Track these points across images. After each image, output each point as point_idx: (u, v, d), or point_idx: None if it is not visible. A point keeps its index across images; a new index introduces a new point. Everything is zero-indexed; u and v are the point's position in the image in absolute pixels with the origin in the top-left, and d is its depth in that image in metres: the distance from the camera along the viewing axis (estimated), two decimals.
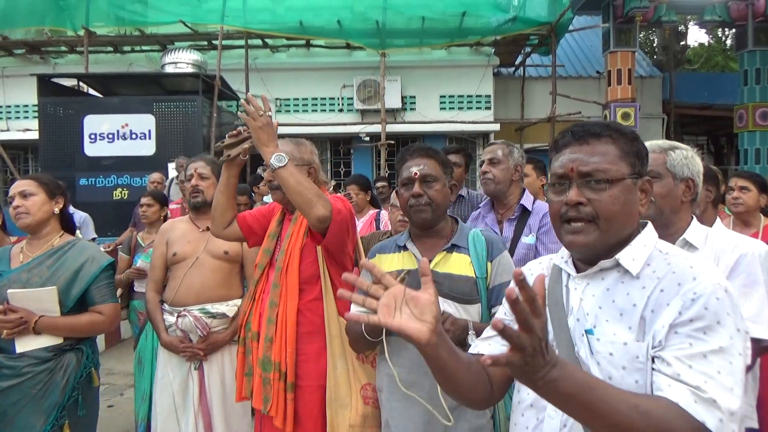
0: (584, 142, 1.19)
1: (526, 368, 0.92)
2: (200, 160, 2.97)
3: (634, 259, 1.16)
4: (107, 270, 2.45)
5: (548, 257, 1.37)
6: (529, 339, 0.89)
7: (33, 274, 2.33)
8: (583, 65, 11.90)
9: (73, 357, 2.35)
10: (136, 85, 9.16)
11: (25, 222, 2.35)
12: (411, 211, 1.89)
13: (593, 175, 1.16)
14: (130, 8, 9.27)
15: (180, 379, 2.75)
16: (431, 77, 10.03)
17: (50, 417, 2.25)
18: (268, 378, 2.20)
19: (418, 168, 1.88)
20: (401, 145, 10.30)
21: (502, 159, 2.74)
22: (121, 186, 8.04)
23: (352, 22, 9.17)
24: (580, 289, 1.20)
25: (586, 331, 1.14)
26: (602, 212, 1.15)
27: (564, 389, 0.94)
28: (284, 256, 2.28)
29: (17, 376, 2.23)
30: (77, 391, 2.34)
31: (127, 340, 6.47)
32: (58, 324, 2.31)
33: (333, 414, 2.16)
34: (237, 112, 2.27)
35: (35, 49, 10.24)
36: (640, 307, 1.10)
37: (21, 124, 10.32)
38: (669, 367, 1.01)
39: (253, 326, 2.32)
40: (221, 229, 2.44)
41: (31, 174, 2.50)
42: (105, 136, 8.11)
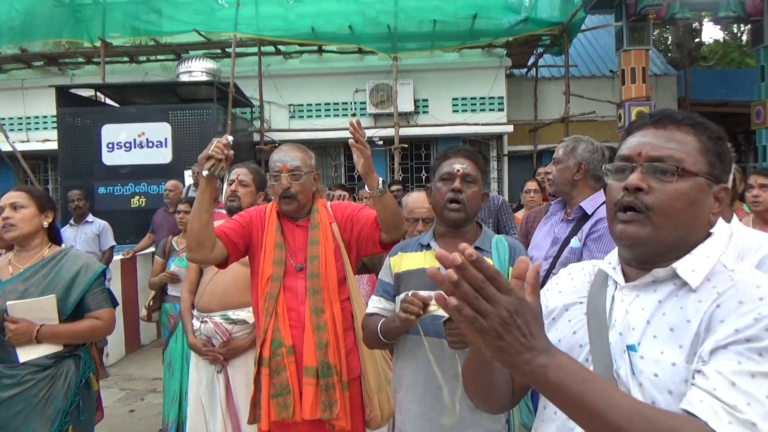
0: (661, 126, 1.06)
1: (503, 345, 0.82)
2: (244, 167, 2.99)
3: (694, 271, 1.01)
4: (101, 277, 2.47)
5: (591, 262, 1.23)
6: (486, 321, 0.80)
7: (29, 284, 2.33)
8: (597, 64, 11.83)
9: (72, 363, 2.37)
10: (152, 94, 9.28)
11: (13, 234, 2.35)
12: (445, 207, 1.88)
13: (663, 161, 1.02)
14: (145, 19, 9.41)
15: (206, 380, 2.81)
16: (443, 80, 10.04)
17: (55, 423, 2.27)
18: (331, 383, 2.20)
19: (462, 166, 1.89)
20: (414, 149, 10.33)
21: (561, 158, 2.58)
22: (139, 194, 8.15)
23: (363, 27, 9.22)
24: (627, 301, 1.06)
25: (628, 347, 1.01)
26: (661, 205, 1.01)
27: (554, 378, 0.83)
28: (320, 262, 2.28)
29: (19, 384, 2.24)
30: (78, 396, 2.37)
31: (147, 346, 6.56)
32: (59, 332, 2.32)
33: (378, 398, 2.29)
34: (348, 141, 2.20)
35: (53, 61, 10.43)
36: (694, 323, 0.96)
37: (40, 135, 10.51)
38: (706, 381, 0.88)
39: (285, 341, 2.23)
40: (209, 252, 2.19)
41: (23, 186, 2.52)
42: (122, 144, 8.23)
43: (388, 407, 2.34)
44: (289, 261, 2.31)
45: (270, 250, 2.31)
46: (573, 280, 1.21)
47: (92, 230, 5.73)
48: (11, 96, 10.44)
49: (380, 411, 2.32)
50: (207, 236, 2.17)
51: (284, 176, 2.28)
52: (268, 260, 2.30)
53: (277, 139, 9.71)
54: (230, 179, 2.96)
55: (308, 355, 2.22)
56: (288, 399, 2.21)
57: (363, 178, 2.17)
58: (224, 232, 2.29)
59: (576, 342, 1.10)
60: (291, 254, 2.33)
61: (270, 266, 2.29)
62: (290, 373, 2.23)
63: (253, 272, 2.39)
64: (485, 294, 0.80)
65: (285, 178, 2.28)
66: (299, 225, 2.37)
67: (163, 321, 4.05)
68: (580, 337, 1.10)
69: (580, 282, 1.19)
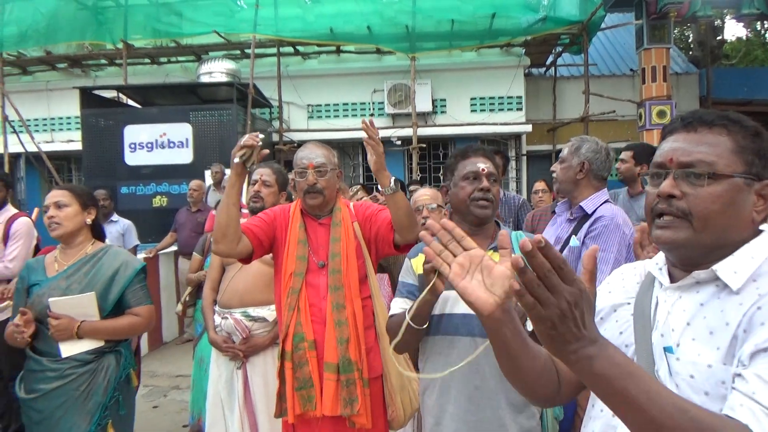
0: (692, 130, 1.05)
1: (554, 334, 0.83)
2: (267, 167, 3.01)
3: (736, 272, 0.99)
4: (140, 274, 2.52)
5: (643, 262, 1.23)
6: (545, 310, 0.81)
7: (72, 281, 2.40)
8: (616, 63, 11.72)
9: (112, 359, 2.44)
10: (173, 95, 9.41)
11: (58, 232, 2.43)
12: (474, 205, 1.86)
13: (694, 167, 1.01)
14: (165, 20, 9.53)
15: (225, 376, 2.86)
16: (462, 80, 10.03)
17: (94, 417, 2.33)
18: (351, 378, 2.23)
19: (486, 165, 1.89)
20: (432, 149, 10.33)
21: (566, 157, 2.60)
22: (161, 193, 8.26)
23: (381, 27, 9.24)
24: (670, 302, 1.06)
25: (664, 348, 1.02)
26: (697, 209, 1.00)
27: (599, 369, 0.83)
28: (341, 259, 2.31)
29: (61, 378, 2.32)
30: (118, 391, 2.43)
31: (169, 343, 6.65)
32: (100, 328, 2.39)
33: (400, 397, 2.30)
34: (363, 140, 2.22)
35: (77, 63, 10.63)
36: (733, 325, 0.94)
37: (65, 136, 10.71)
38: (745, 384, 0.87)
39: (307, 335, 2.28)
40: (235, 246, 2.23)
41: (66, 184, 2.59)
42: (144, 145, 8.36)
43: (410, 407, 2.35)
44: (312, 258, 2.36)
45: (293, 247, 2.36)
46: (624, 280, 1.22)
47: (117, 229, 5.83)
48: (36, 97, 10.66)
49: (403, 411, 2.33)
50: (233, 230, 2.21)
51: (310, 173, 2.34)
52: (292, 256, 2.35)
53: (296, 139, 9.79)
54: (253, 179, 2.99)
55: (329, 350, 2.25)
56: (311, 392, 2.27)
57: (375, 175, 2.18)
58: (249, 228, 2.35)
59: (622, 342, 1.11)
60: (313, 251, 2.38)
61: (293, 262, 2.35)
62: (312, 368, 2.27)
63: (277, 269, 2.44)
64: (549, 283, 0.81)
65: (311, 175, 2.33)
66: (322, 223, 2.41)
67: (197, 317, 4.10)
68: (626, 338, 1.10)
69: (631, 282, 1.19)
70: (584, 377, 0.87)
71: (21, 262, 3.90)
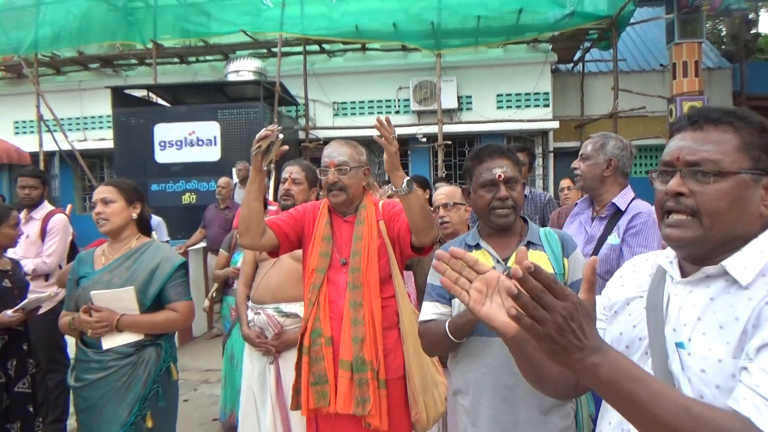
0: (698, 128, 1.06)
1: (556, 348, 0.87)
2: (296, 164, 3.02)
3: (745, 267, 1.00)
4: (180, 269, 2.57)
5: (655, 254, 1.24)
6: (542, 328, 0.85)
7: (114, 275, 2.47)
8: (646, 58, 11.51)
9: (152, 352, 2.49)
10: (202, 93, 9.55)
11: (106, 228, 2.50)
12: (493, 214, 1.83)
13: (700, 165, 1.03)
14: (194, 20, 9.66)
15: (258, 371, 2.90)
16: (488, 76, 9.96)
17: (134, 408, 2.40)
18: (364, 378, 2.21)
19: (502, 170, 1.82)
20: (458, 146, 10.29)
21: (591, 154, 2.58)
22: (190, 191, 8.40)
23: (407, 24, 9.23)
24: (681, 296, 1.07)
25: (676, 344, 1.03)
26: (705, 207, 1.02)
27: (605, 376, 0.87)
28: (362, 257, 2.30)
29: (104, 369, 2.39)
30: (158, 383, 2.48)
31: (199, 338, 6.77)
32: (138, 322, 2.44)
33: (423, 400, 2.26)
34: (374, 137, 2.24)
35: (108, 63, 10.86)
36: (742, 320, 0.96)
37: (97, 134, 10.95)
38: (750, 378, 0.90)
39: (324, 331, 2.30)
40: (258, 238, 2.29)
41: (112, 180, 2.65)
42: (174, 143, 8.50)
43: (434, 410, 2.30)
44: (335, 254, 2.37)
45: (318, 243, 2.38)
46: (635, 273, 1.22)
47: None
48: (69, 97, 10.90)
49: (426, 413, 2.28)
50: (254, 223, 2.26)
51: (331, 171, 2.35)
52: (315, 252, 2.38)
53: (321, 136, 9.85)
54: (283, 178, 2.99)
55: (344, 348, 2.25)
56: (325, 388, 2.26)
57: (388, 174, 2.16)
58: (276, 223, 2.39)
59: (636, 335, 1.12)
60: (337, 248, 2.38)
61: (316, 258, 2.37)
62: (327, 364, 2.28)
63: (304, 264, 2.47)
64: (543, 303, 0.85)
65: (332, 173, 2.34)
66: (347, 220, 2.42)
67: (224, 313, 4.16)
68: (640, 331, 1.12)
69: (643, 275, 1.20)
70: (591, 384, 0.91)
71: (58, 258, 4.02)
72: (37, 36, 9.73)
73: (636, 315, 1.15)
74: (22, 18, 9.91)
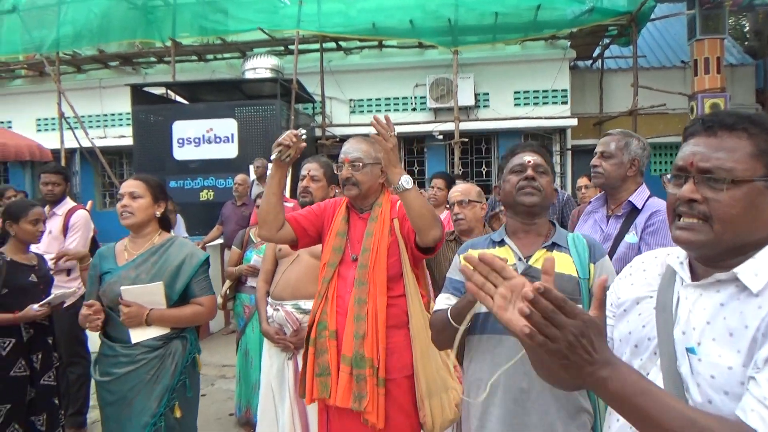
0: (712, 134, 1.06)
1: (567, 364, 0.90)
2: (314, 161, 3.02)
3: (756, 275, 1.00)
4: (204, 265, 2.62)
5: (665, 250, 1.24)
6: (554, 345, 0.89)
7: (141, 271, 2.50)
8: (667, 55, 11.35)
9: (179, 344, 2.54)
10: (219, 91, 9.61)
11: (129, 222, 2.53)
12: (519, 194, 1.82)
13: (713, 173, 1.03)
14: (212, 18, 9.73)
15: (277, 366, 2.93)
16: (505, 73, 9.90)
17: (163, 399, 2.45)
18: (362, 374, 2.22)
19: (532, 158, 1.86)
20: (475, 143, 10.25)
21: (614, 153, 2.55)
22: (207, 187, 8.46)
23: (424, 21, 9.21)
24: (691, 299, 1.08)
25: (687, 349, 1.04)
26: (717, 214, 1.03)
27: (613, 390, 0.91)
28: (370, 254, 2.30)
29: (133, 362, 2.44)
30: (185, 374, 2.54)
31: (216, 333, 6.83)
32: (166, 316, 2.49)
33: (429, 403, 2.22)
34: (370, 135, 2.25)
35: (128, 61, 10.98)
36: (752, 328, 0.97)
37: (117, 131, 11.09)
38: (758, 388, 0.91)
39: (329, 325, 2.33)
40: (275, 232, 2.38)
41: (141, 175, 2.68)
42: (192, 140, 8.56)
43: (441, 416, 2.26)
44: (348, 250, 2.39)
45: (332, 238, 2.42)
46: (645, 272, 1.23)
47: None
48: (90, 95, 11.06)
49: (432, 417, 2.25)
50: (272, 217, 2.35)
51: (345, 167, 2.37)
52: (329, 247, 2.41)
53: (338, 134, 9.87)
54: (301, 175, 3.01)
55: (346, 343, 2.27)
56: (327, 380, 2.29)
57: (385, 171, 2.15)
58: (294, 217, 2.44)
59: (645, 335, 1.14)
60: (351, 244, 2.40)
61: (329, 253, 2.40)
62: (330, 357, 2.30)
63: (321, 259, 2.50)
64: (554, 321, 0.89)
65: (345, 168, 2.37)
66: (362, 217, 2.43)
67: (237, 311, 4.19)
68: (649, 331, 1.13)
69: (653, 274, 1.21)
70: (602, 396, 0.94)
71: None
72: (58, 34, 9.87)
73: (645, 315, 1.16)
74: (44, 17, 10.07)
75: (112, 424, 2.49)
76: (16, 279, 3.11)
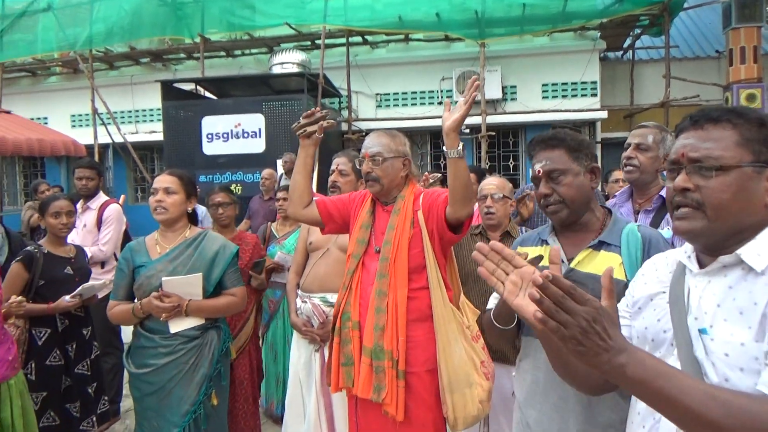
0: (699, 127, 1.15)
1: (582, 350, 0.93)
2: (344, 156, 3.05)
3: (759, 255, 1.06)
4: (235, 257, 2.68)
5: (673, 251, 1.30)
6: (567, 330, 0.92)
7: (176, 264, 2.56)
8: (700, 45, 11.05)
9: (214, 334, 2.61)
10: (247, 86, 9.70)
11: (162, 217, 2.59)
12: (545, 212, 1.75)
13: (703, 161, 1.11)
14: (239, 14, 9.82)
15: (304, 358, 2.97)
16: (533, 65, 9.77)
17: (201, 387, 2.52)
18: (381, 366, 2.24)
19: (541, 165, 1.71)
20: (502, 137, 10.15)
21: (651, 146, 2.49)
22: (236, 182, 8.56)
23: (450, 14, 9.13)
24: (700, 287, 1.14)
25: (699, 330, 1.09)
26: (709, 200, 1.09)
27: (633, 375, 0.93)
28: (391, 247, 2.32)
29: (172, 353, 2.51)
30: (220, 363, 2.61)
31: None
32: (203, 306, 2.55)
33: (451, 398, 2.22)
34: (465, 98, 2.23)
35: (158, 58, 11.17)
36: (761, 305, 1.02)
37: (147, 127, 11.30)
38: None
39: (353, 315, 2.36)
40: (300, 208, 2.50)
41: (176, 171, 2.73)
42: (220, 135, 8.67)
43: (464, 410, 2.23)
44: (372, 242, 2.42)
45: (357, 230, 2.45)
46: (657, 271, 1.28)
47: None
48: (122, 91, 11.29)
49: (454, 412, 2.23)
50: (297, 195, 2.50)
51: (366, 161, 2.39)
52: (354, 239, 2.45)
53: (364, 128, 9.88)
54: (330, 170, 3.03)
55: (367, 334, 2.29)
56: (351, 370, 2.33)
57: (445, 135, 2.08)
58: (323, 201, 2.52)
59: (660, 328, 1.19)
60: (375, 236, 2.42)
61: (353, 244, 2.44)
62: (354, 348, 2.34)
63: (347, 250, 2.54)
64: (565, 307, 0.92)
65: (365, 164, 2.39)
66: (386, 210, 2.45)
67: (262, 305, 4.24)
68: (664, 324, 1.18)
69: (663, 272, 1.26)
70: (621, 383, 0.97)
71: (113, 246, 4.18)
72: (91, 32, 10.08)
73: (660, 309, 1.21)
74: (77, 15, 10.29)
75: (150, 414, 2.55)
76: (53, 271, 3.21)
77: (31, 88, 12.12)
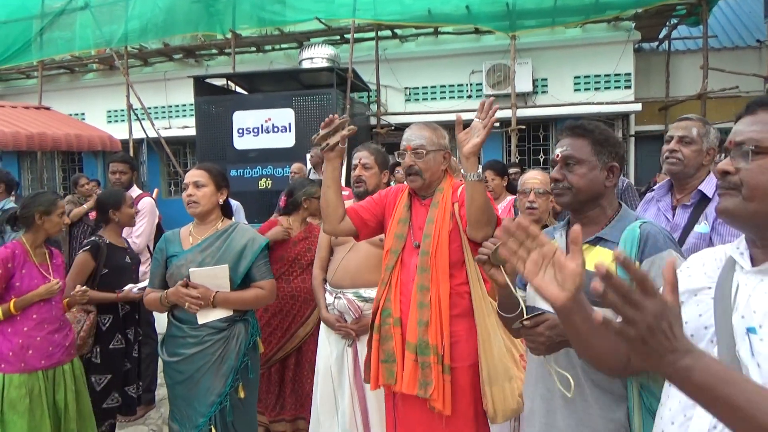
0: (751, 112, 1.14)
1: (647, 350, 0.87)
2: (364, 149, 3.02)
3: None
4: (264, 250, 2.71)
5: (723, 248, 1.25)
6: (633, 329, 0.85)
7: (206, 255, 2.61)
8: (740, 34, 10.69)
9: (242, 327, 2.65)
10: (277, 81, 9.79)
11: (195, 210, 2.64)
12: (553, 195, 1.79)
13: (744, 144, 1.10)
14: (270, 9, 9.90)
15: (336, 353, 2.97)
16: (564, 58, 9.60)
17: (228, 379, 2.56)
18: (427, 362, 2.22)
19: (561, 150, 1.71)
20: (532, 130, 10.02)
21: (696, 139, 2.44)
22: (266, 176, 8.65)
23: (480, 6, 9.02)
24: (751, 285, 1.08)
25: (747, 329, 1.03)
26: (747, 181, 1.08)
27: (698, 380, 0.87)
28: (432, 241, 2.30)
29: (200, 343, 2.56)
30: (247, 356, 2.64)
31: None
32: (231, 298, 2.59)
33: (491, 391, 2.22)
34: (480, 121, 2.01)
35: (191, 53, 11.34)
36: None
37: (180, 122, 11.50)
38: None
39: (393, 312, 2.35)
40: (336, 224, 2.43)
41: (205, 164, 2.79)
42: (251, 130, 8.77)
43: (503, 404, 2.24)
44: (410, 237, 2.39)
45: (395, 225, 2.43)
46: (704, 266, 1.24)
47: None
48: (155, 87, 11.50)
49: (494, 406, 2.24)
50: (332, 210, 2.41)
51: (408, 154, 2.36)
52: (391, 234, 2.43)
53: (393, 122, 9.87)
54: (353, 164, 3.02)
55: (410, 330, 2.28)
56: (393, 367, 2.31)
57: (464, 158, 2.08)
58: (354, 209, 2.47)
59: (701, 324, 1.14)
60: (413, 231, 2.40)
61: (392, 240, 2.42)
62: (396, 344, 2.32)
63: (384, 246, 2.52)
64: (631, 301, 0.85)
65: (408, 156, 2.36)
66: (424, 204, 2.43)
67: None
68: (706, 320, 1.14)
69: (711, 267, 1.22)
70: (684, 388, 0.90)
71: (146, 238, 4.29)
72: (126, 29, 10.30)
73: (703, 305, 1.17)
74: (113, 12, 10.53)
75: (180, 402, 2.62)
76: (115, 260, 3.41)
77: (69, 85, 12.44)
